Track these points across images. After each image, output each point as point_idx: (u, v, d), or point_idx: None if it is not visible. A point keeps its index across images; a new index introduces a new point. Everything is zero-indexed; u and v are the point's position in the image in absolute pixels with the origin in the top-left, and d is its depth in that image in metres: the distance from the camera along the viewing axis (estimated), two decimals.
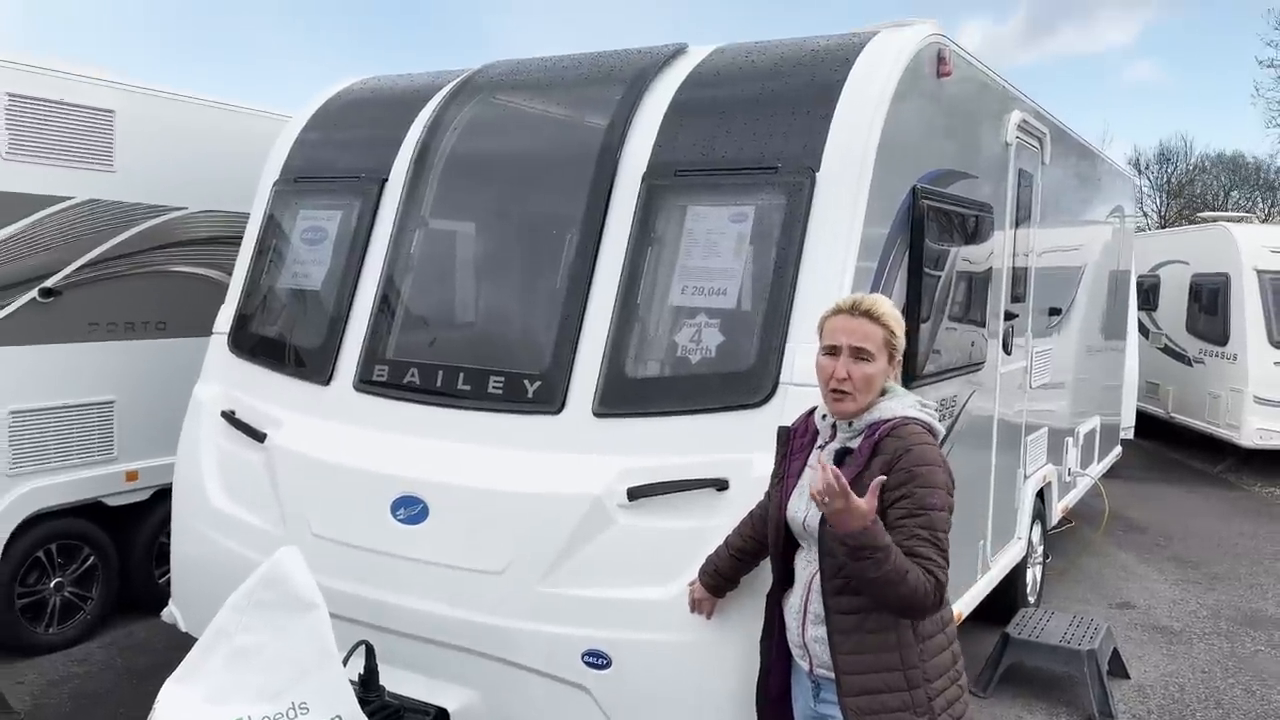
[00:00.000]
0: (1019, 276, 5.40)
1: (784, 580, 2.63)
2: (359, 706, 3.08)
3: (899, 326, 2.52)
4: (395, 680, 3.41)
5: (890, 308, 2.53)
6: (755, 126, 3.63)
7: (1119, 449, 9.19)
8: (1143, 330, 13.36)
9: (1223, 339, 11.55)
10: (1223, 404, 11.45)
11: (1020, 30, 56.87)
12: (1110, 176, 7.99)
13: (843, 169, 3.40)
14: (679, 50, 4.15)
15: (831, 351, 2.49)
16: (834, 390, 2.47)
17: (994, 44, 54.76)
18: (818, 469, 2.26)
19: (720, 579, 2.98)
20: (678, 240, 3.59)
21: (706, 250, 3.52)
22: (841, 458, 2.47)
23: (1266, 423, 10.94)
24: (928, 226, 3.85)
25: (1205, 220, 13.68)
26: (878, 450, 2.40)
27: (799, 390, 3.17)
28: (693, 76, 3.95)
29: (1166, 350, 13.02)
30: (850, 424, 2.50)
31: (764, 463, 2.89)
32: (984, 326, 4.77)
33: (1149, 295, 13.49)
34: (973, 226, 4.48)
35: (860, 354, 2.45)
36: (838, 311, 2.53)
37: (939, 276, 4.09)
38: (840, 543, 2.26)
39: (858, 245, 3.35)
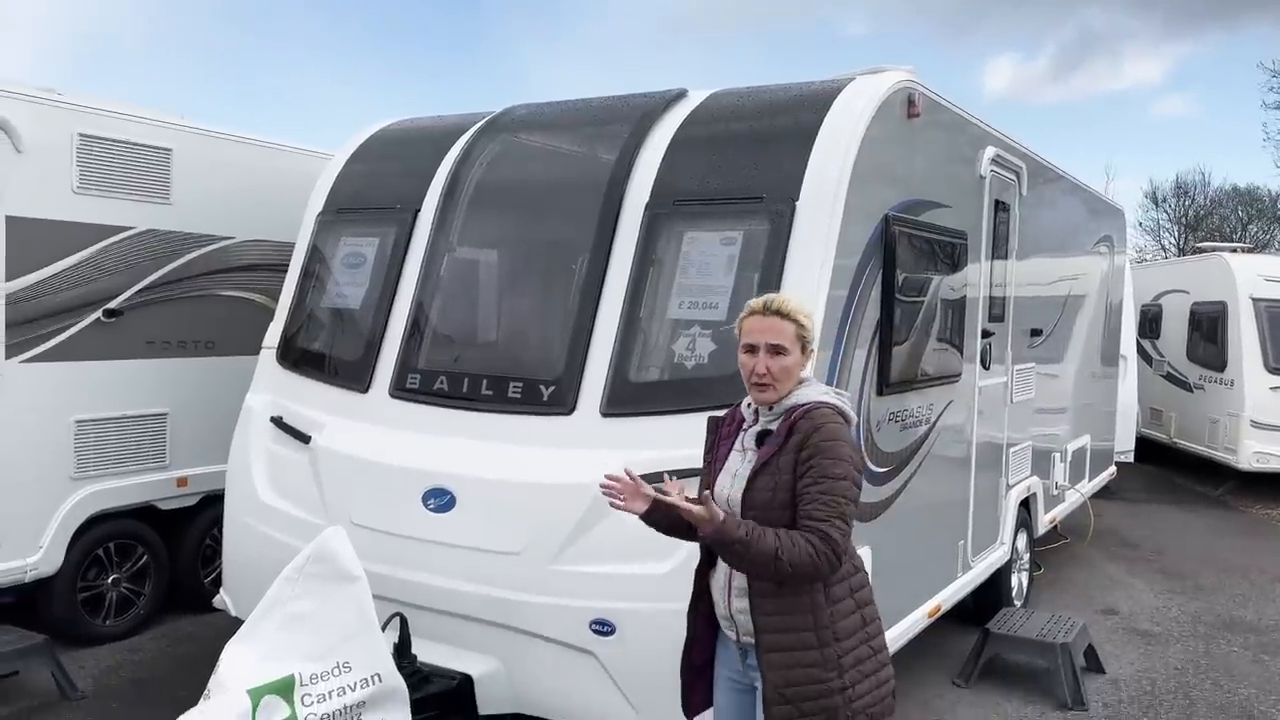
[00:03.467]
0: (997, 298, 5.85)
1: (711, 556, 2.82)
2: (395, 667, 3.53)
3: (808, 320, 2.76)
4: (425, 650, 3.86)
5: (799, 304, 2.77)
6: (745, 161, 4.13)
7: (1113, 469, 9.53)
8: (1146, 358, 13.72)
9: (1221, 365, 11.90)
10: (1221, 428, 11.77)
11: (1048, 67, 57.57)
12: (1097, 209, 8.43)
13: (819, 198, 3.89)
14: (680, 94, 4.66)
15: (750, 349, 2.73)
16: (755, 383, 2.73)
17: (1022, 80, 55.49)
18: (741, 451, 2.70)
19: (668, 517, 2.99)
20: (676, 261, 4.07)
21: (701, 270, 4.00)
22: (762, 438, 2.74)
23: (1263, 446, 11.26)
24: (899, 249, 4.32)
25: (1204, 251, 14.05)
26: (793, 430, 2.65)
27: None
28: (691, 117, 4.46)
29: (1169, 377, 13.35)
30: (771, 409, 2.75)
31: None
32: (959, 343, 5.21)
33: (1152, 324, 13.86)
34: (946, 250, 4.95)
35: (776, 349, 2.69)
36: (752, 313, 2.77)
37: (911, 294, 4.55)
38: (707, 541, 2.55)
39: (832, 264, 3.83)
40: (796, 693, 2.60)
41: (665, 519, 2.76)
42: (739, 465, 2.78)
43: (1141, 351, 13.59)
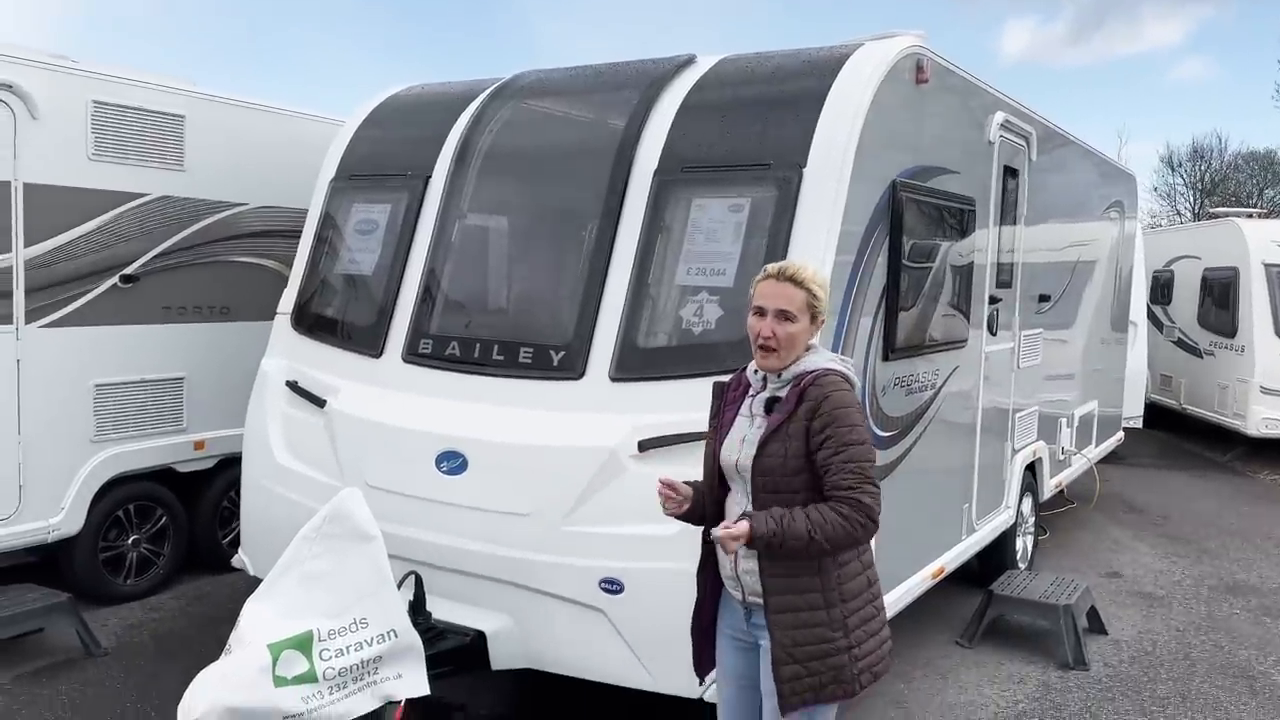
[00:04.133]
0: (1005, 264, 5.87)
1: (717, 519, 2.86)
2: (410, 623, 3.62)
3: (822, 290, 2.77)
4: (439, 607, 3.96)
5: (814, 273, 2.79)
6: (752, 127, 4.16)
7: (1121, 435, 9.58)
8: (1157, 324, 13.70)
9: (1231, 331, 11.89)
10: (1230, 394, 11.79)
11: (1067, 29, 56.78)
12: (1108, 174, 8.40)
13: (826, 164, 3.92)
14: (689, 60, 4.67)
15: (759, 313, 2.76)
16: (761, 347, 2.76)
17: (1040, 43, 54.79)
18: (749, 417, 2.79)
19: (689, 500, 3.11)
20: (684, 228, 4.11)
21: (708, 236, 4.05)
22: (771, 405, 2.78)
23: (1272, 412, 11.27)
24: (906, 215, 4.36)
25: (1217, 216, 13.98)
26: (803, 398, 2.69)
27: None
28: (700, 83, 4.48)
29: (1179, 343, 13.34)
30: (779, 376, 2.78)
31: None
32: (966, 309, 5.25)
33: (1164, 290, 13.83)
34: (954, 216, 4.98)
35: (785, 315, 2.72)
36: (766, 277, 2.79)
37: (918, 260, 4.59)
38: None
39: (839, 230, 3.87)
40: (804, 652, 2.67)
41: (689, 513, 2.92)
42: (747, 430, 2.82)
43: (1152, 317, 13.57)
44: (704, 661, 3.06)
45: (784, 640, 2.68)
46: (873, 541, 2.84)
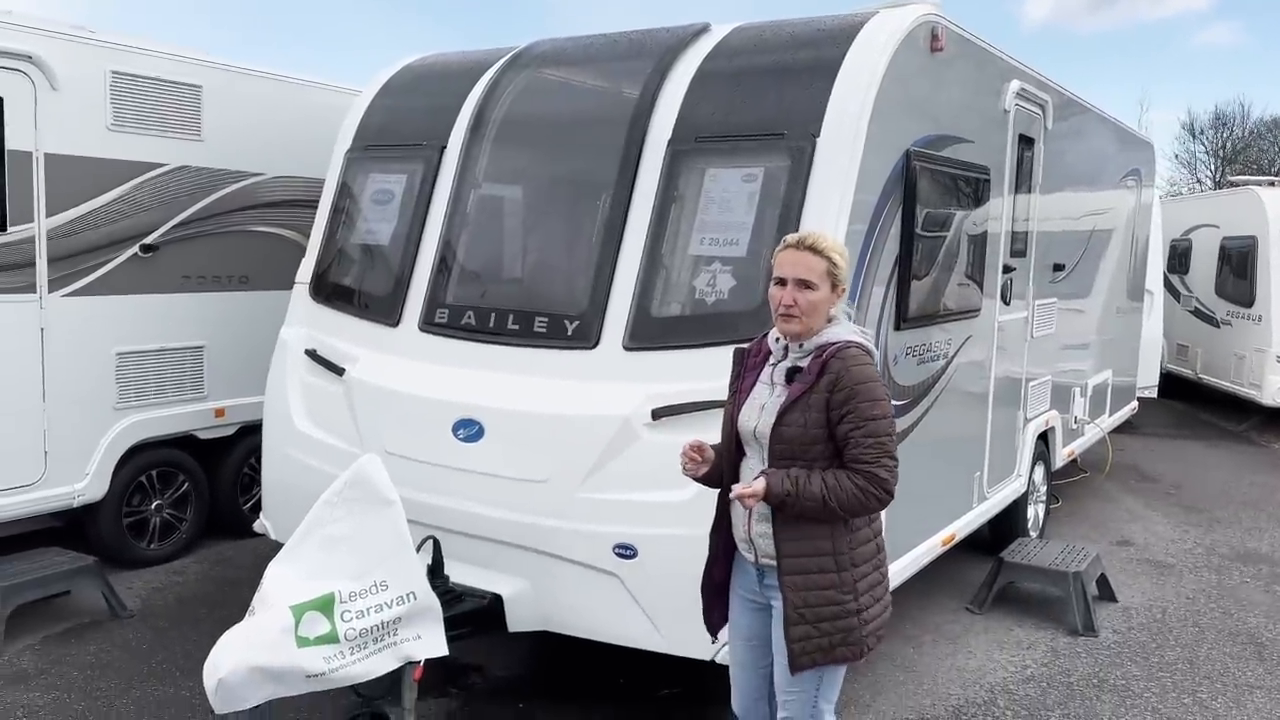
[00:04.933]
0: (1019, 233, 5.87)
1: (733, 483, 2.91)
2: (429, 586, 3.70)
3: (841, 258, 2.82)
4: (457, 571, 4.04)
5: (833, 242, 2.85)
6: (766, 97, 4.17)
7: (1135, 404, 9.57)
8: (1174, 293, 13.63)
9: (1249, 300, 11.82)
10: (1247, 364, 11.74)
11: None
12: (1125, 142, 8.34)
13: (840, 134, 3.93)
14: (703, 29, 4.67)
15: (780, 282, 2.81)
16: (782, 314, 2.81)
17: (1064, 7, 53.95)
18: (769, 385, 2.85)
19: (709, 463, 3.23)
20: (697, 198, 4.14)
21: (722, 207, 4.07)
22: (792, 375, 2.83)
23: None
24: (920, 184, 4.37)
25: (1236, 184, 13.85)
26: (825, 370, 2.74)
27: None
28: (714, 52, 4.48)
29: (1196, 313, 13.28)
30: (801, 345, 2.83)
31: None
32: (979, 278, 5.26)
33: (1182, 259, 13.75)
34: (968, 186, 4.98)
35: (805, 284, 2.77)
36: (786, 246, 2.85)
37: (932, 230, 4.60)
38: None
39: (851, 200, 3.89)
40: (815, 613, 2.75)
41: (707, 477, 3.00)
42: (767, 398, 2.87)
43: (1169, 286, 13.50)
44: (715, 620, 3.14)
45: (795, 601, 2.76)
46: (884, 511, 2.89)
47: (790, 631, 2.77)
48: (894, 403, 4.38)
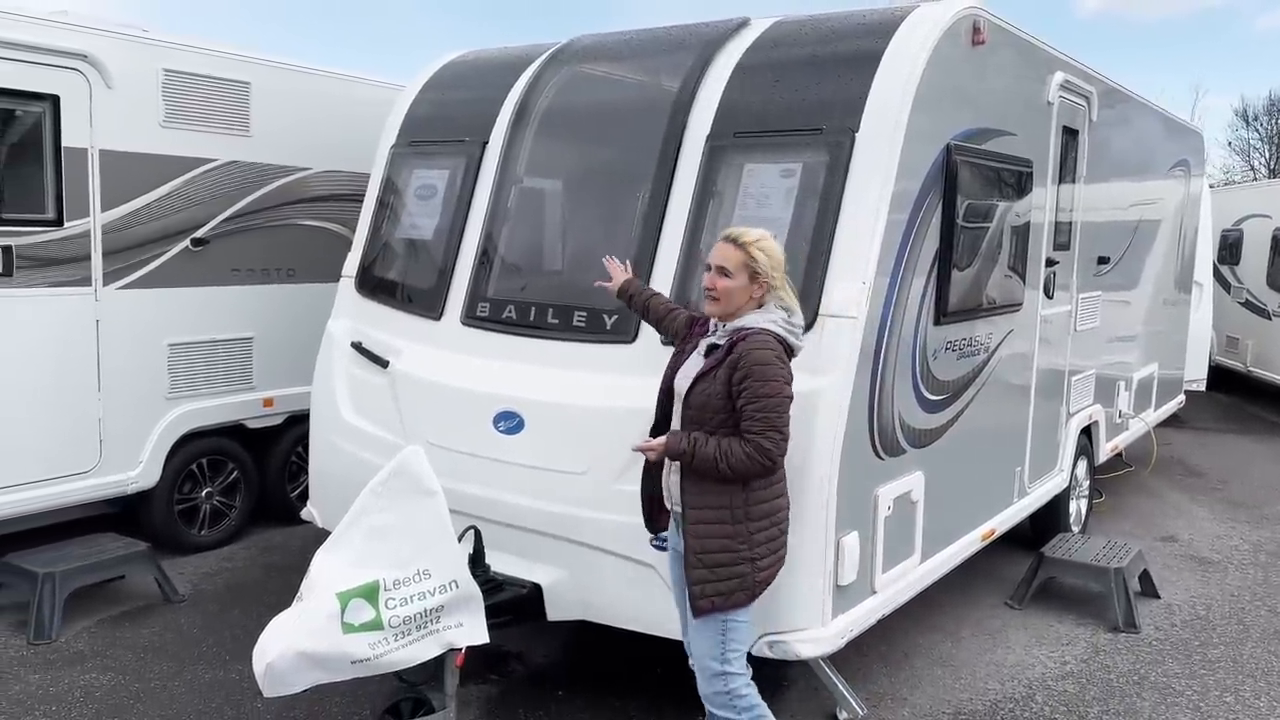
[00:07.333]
0: (1063, 226, 5.82)
1: (664, 428, 3.38)
2: (470, 575, 3.77)
3: (760, 254, 3.18)
4: (498, 560, 4.11)
5: (756, 238, 3.21)
6: (805, 92, 4.17)
7: (1182, 398, 9.43)
8: (1224, 284, 13.38)
9: None
10: None
11: None
12: (1172, 132, 8.21)
13: (879, 129, 3.92)
14: (742, 23, 4.68)
15: (708, 268, 3.27)
16: (706, 296, 3.27)
17: None
18: (700, 355, 3.27)
19: (634, 295, 3.90)
20: (735, 193, 4.16)
21: (759, 202, 4.08)
22: (711, 350, 3.24)
23: None
24: (961, 178, 4.35)
25: None
26: (732, 350, 3.12)
27: (835, 321, 3.76)
28: (753, 47, 4.49)
29: (1247, 304, 13.03)
30: (723, 326, 3.24)
31: (804, 380, 3.47)
32: (1022, 272, 5.23)
33: (1232, 249, 13.48)
34: (1011, 179, 4.95)
35: (722, 271, 3.20)
36: (720, 240, 3.28)
37: (973, 224, 4.58)
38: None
39: (890, 195, 3.89)
40: (712, 559, 3.14)
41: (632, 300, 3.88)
42: (692, 367, 3.29)
43: (1219, 278, 13.24)
44: (656, 520, 3.56)
45: (695, 546, 3.16)
46: (821, 483, 3.54)
47: (690, 574, 3.16)
48: (932, 397, 4.42)
